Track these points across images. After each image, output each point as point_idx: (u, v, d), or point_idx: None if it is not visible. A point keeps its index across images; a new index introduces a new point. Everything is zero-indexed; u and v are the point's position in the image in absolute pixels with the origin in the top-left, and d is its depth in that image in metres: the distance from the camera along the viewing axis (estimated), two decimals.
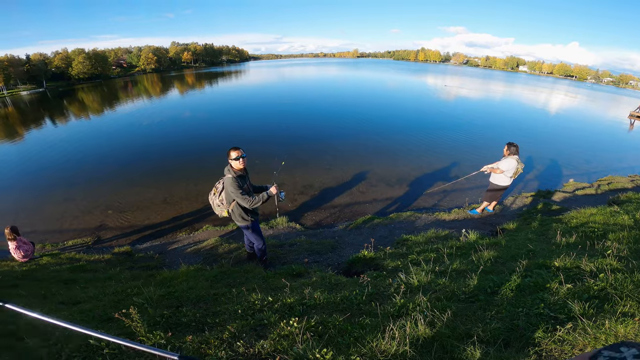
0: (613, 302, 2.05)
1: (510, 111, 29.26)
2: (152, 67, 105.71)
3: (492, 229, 6.23)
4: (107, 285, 3.84)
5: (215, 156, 13.15)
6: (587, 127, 23.86)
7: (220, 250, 5.82)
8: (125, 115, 27.04)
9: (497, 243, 4.19)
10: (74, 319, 2.79)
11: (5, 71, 65.17)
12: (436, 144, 15.52)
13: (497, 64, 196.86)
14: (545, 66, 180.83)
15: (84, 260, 5.92)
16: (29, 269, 5.33)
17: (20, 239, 5.87)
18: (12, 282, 4.43)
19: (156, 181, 11.11)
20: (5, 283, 4.47)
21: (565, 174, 12.00)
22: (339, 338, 1.94)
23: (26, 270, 5.23)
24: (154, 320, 2.43)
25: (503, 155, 6.49)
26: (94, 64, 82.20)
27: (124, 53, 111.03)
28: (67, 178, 11.90)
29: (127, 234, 7.98)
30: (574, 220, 5.35)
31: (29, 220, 8.60)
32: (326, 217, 8.46)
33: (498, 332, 1.96)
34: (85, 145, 17.14)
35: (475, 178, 8.22)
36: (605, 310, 1.98)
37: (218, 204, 4.16)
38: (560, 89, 72.70)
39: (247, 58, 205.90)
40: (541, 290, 2.43)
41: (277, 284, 3.23)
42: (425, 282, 2.85)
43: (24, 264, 5.77)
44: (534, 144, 15.84)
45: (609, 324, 1.77)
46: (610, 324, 1.77)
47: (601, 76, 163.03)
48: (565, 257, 2.98)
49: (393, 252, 4.37)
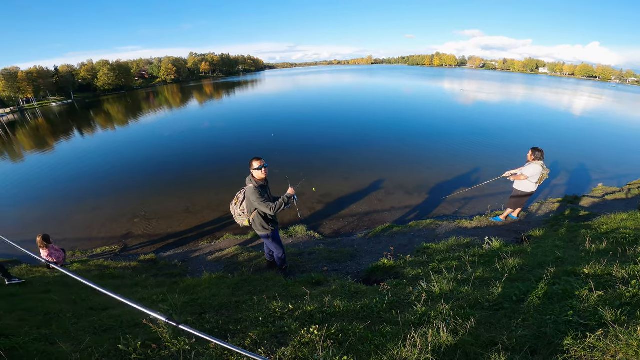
0: None
1: (532, 114, 28.38)
2: (172, 77, 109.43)
3: (516, 237, 6.03)
4: (134, 291, 3.97)
5: (234, 166, 13.47)
6: (615, 129, 22.82)
7: (240, 259, 5.91)
8: (148, 126, 28.14)
9: (523, 250, 4.06)
10: (104, 324, 2.91)
11: (35, 83, 68.71)
12: (455, 150, 15.26)
13: (515, 67, 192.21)
14: (566, 67, 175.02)
15: (112, 267, 6.15)
16: (60, 275, 5.57)
17: (52, 247, 6.15)
18: (45, 288, 4.66)
19: (178, 191, 11.44)
20: (38, 289, 4.70)
21: (593, 178, 11.51)
22: (359, 346, 1.94)
23: (57, 276, 5.47)
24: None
25: (527, 160, 6.30)
26: (117, 75, 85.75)
27: (145, 64, 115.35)
28: (95, 188, 12.44)
29: (152, 242, 8.24)
30: (604, 227, 5.13)
31: (59, 228, 9.04)
32: (344, 225, 8.45)
33: (524, 340, 1.92)
34: (111, 156, 17.92)
35: (498, 184, 8.01)
36: (638, 317, 1.91)
37: (239, 214, 4.23)
38: (584, 90, 70.08)
39: (262, 67, 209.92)
40: (570, 298, 2.36)
41: (297, 292, 3.25)
42: (447, 290, 2.80)
43: (55, 270, 6.03)
44: (560, 148, 15.30)
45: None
46: None
47: (625, 76, 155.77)
48: (596, 264, 2.88)
49: (413, 261, 4.31)
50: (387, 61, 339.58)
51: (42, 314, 3.38)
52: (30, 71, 69.92)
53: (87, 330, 2.77)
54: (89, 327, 2.85)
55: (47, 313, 3.40)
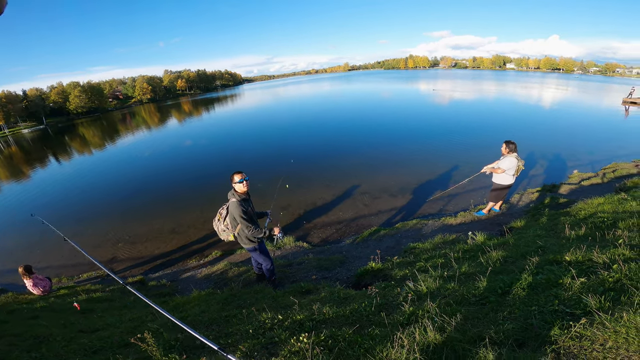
0: (629, 294, 1.95)
1: (504, 109, 29.29)
2: (148, 97, 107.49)
3: (500, 229, 6.15)
4: (123, 313, 3.88)
5: (217, 183, 13.30)
6: (584, 118, 23.78)
7: (230, 274, 5.83)
8: (127, 148, 27.52)
9: (506, 242, 4.16)
10: (94, 345, 2.87)
11: (5, 108, 65.81)
12: (434, 150, 15.57)
13: (484, 64, 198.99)
14: (531, 62, 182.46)
15: (100, 291, 5.98)
16: (47, 302, 5.40)
17: (35, 277, 5.95)
18: (33, 314, 4.59)
19: (163, 211, 11.22)
20: (26, 315, 4.61)
21: (569, 166, 11.94)
22: (349, 350, 1.95)
23: (45, 303, 5.30)
24: (169, 344, 2.48)
25: (502, 154, 6.52)
26: (90, 97, 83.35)
27: (118, 84, 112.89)
28: (74, 213, 12.08)
29: (139, 264, 8.05)
30: (582, 212, 5.24)
31: (43, 256, 8.80)
32: (332, 233, 8.46)
33: (511, 333, 1.91)
34: (90, 180, 17.42)
35: (479, 179, 8.22)
36: (623, 302, 1.90)
37: (223, 229, 4.23)
38: (550, 82, 72.86)
39: (240, 81, 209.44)
40: (554, 287, 2.35)
41: (287, 302, 3.24)
42: (433, 288, 2.84)
43: (43, 297, 5.83)
44: (534, 139, 15.85)
45: (627, 317, 1.70)
46: (628, 316, 1.70)
47: (587, 66, 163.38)
48: (576, 250, 2.89)
49: (401, 262, 4.36)
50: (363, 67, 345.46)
51: (31, 338, 3.34)
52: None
53: (77, 352, 2.73)
54: (79, 349, 2.81)
55: (37, 337, 3.37)
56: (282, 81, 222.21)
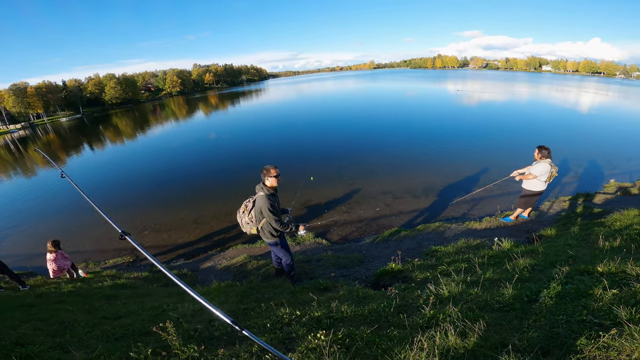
0: None
1: (538, 112, 28.06)
2: (177, 89, 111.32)
3: (528, 236, 5.94)
4: (146, 301, 4.01)
5: (240, 176, 13.56)
6: (624, 124, 22.35)
7: (249, 267, 5.93)
8: (156, 139, 28.62)
9: (534, 250, 4.00)
10: (116, 332, 2.96)
11: (44, 98, 69.69)
12: (460, 151, 15.14)
13: (518, 65, 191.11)
14: (569, 64, 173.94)
15: (124, 277, 6.23)
16: (75, 286, 5.68)
17: (60, 253, 6.22)
18: (60, 299, 4.78)
19: (187, 202, 11.56)
20: (53, 299, 4.82)
21: (605, 174, 11.29)
22: (366, 350, 1.93)
23: (72, 287, 5.58)
24: (188, 334, 2.53)
25: (534, 159, 6.24)
26: (124, 88, 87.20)
27: (150, 77, 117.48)
28: (106, 201, 12.64)
29: (162, 253, 8.33)
30: (617, 223, 5.04)
31: (73, 241, 9.22)
32: (352, 231, 8.42)
33: (536, 341, 1.88)
34: (120, 169, 18.29)
35: (507, 184, 7.92)
36: None
37: (247, 222, 4.24)
38: (589, 86, 68.98)
39: (265, 76, 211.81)
40: (584, 297, 2.32)
41: (305, 299, 3.25)
42: (456, 292, 2.77)
43: (70, 281, 6.11)
44: (569, 145, 15.06)
45: None
46: None
47: (630, 70, 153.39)
48: (610, 261, 2.83)
49: (422, 264, 4.28)
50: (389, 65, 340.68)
51: (57, 324, 3.47)
52: (39, 86, 71.01)
53: (100, 339, 2.82)
54: (101, 336, 2.90)
55: (62, 322, 3.49)
56: (306, 77, 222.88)
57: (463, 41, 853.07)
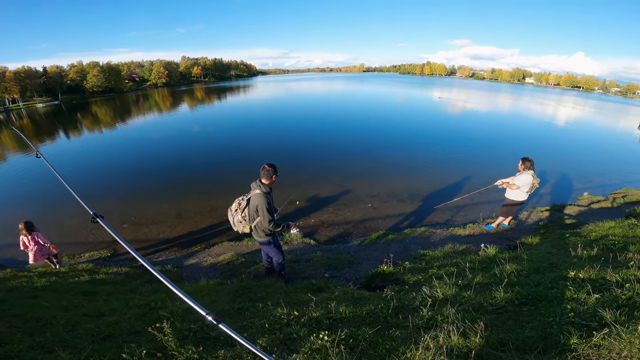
0: None
1: (518, 124, 29.11)
2: (163, 81, 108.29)
3: (509, 243, 6.18)
4: (129, 298, 3.88)
5: (225, 171, 13.36)
6: (598, 140, 23.55)
7: (237, 265, 5.84)
8: (137, 129, 27.71)
9: (518, 257, 4.16)
10: (101, 331, 2.83)
11: (22, 83, 66.93)
12: (446, 158, 15.50)
13: (503, 76, 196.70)
14: (551, 77, 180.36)
15: (103, 272, 5.99)
16: (48, 281, 5.41)
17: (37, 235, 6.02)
18: (33, 294, 4.48)
19: (170, 196, 11.24)
20: (26, 294, 4.52)
21: (579, 187, 11.85)
22: (370, 350, 1.96)
23: (45, 281, 5.31)
24: (183, 335, 2.45)
25: (518, 170, 6.48)
26: (107, 77, 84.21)
27: (136, 67, 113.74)
28: (81, 191, 12.08)
29: (143, 248, 8.05)
30: (592, 234, 5.32)
31: (45, 232, 8.69)
32: (340, 232, 8.45)
33: (532, 341, 2.01)
34: (97, 159, 17.51)
35: (489, 192, 8.17)
36: (636, 317, 2.08)
37: (240, 220, 4.13)
38: (567, 100, 72.12)
39: (255, 73, 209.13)
40: (569, 301, 2.51)
41: (300, 299, 3.24)
42: (450, 295, 2.86)
43: (43, 274, 5.82)
44: (545, 158, 15.64)
45: None
46: None
47: (608, 86, 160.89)
48: (590, 269, 3.06)
49: (412, 267, 4.37)
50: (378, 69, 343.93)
51: (33, 321, 3.23)
52: (19, 71, 68.22)
53: (85, 338, 2.68)
54: (86, 335, 2.75)
55: (39, 320, 3.25)
56: (295, 76, 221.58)
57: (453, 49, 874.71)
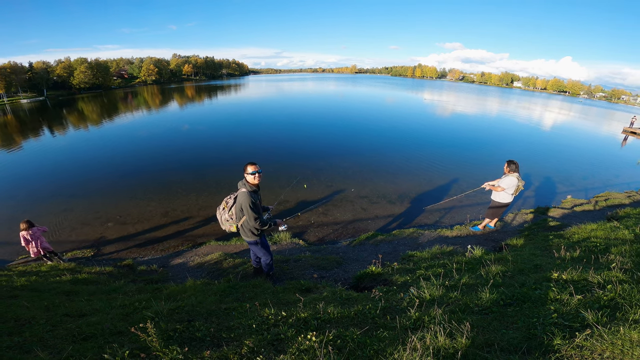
0: (624, 311, 2.19)
1: (505, 128, 29.69)
2: (152, 78, 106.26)
3: (494, 245, 6.28)
4: (113, 298, 3.79)
5: (214, 170, 13.21)
6: (582, 144, 24.17)
7: (225, 265, 5.78)
8: (124, 127, 27.15)
9: (504, 258, 4.23)
10: (83, 331, 2.75)
11: (7, 78, 65.17)
12: (434, 161, 15.68)
13: (492, 80, 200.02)
14: (539, 82, 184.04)
15: (85, 271, 5.84)
16: (28, 280, 5.25)
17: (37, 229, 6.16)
18: (12, 293, 4.34)
19: (156, 194, 11.07)
20: (5, 294, 4.37)
21: (562, 190, 12.14)
22: (359, 351, 1.95)
23: (25, 280, 5.15)
24: (167, 335, 2.40)
25: (504, 172, 6.60)
26: (95, 74, 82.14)
27: (125, 64, 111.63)
28: (64, 188, 11.83)
29: (128, 247, 7.91)
30: (575, 236, 5.43)
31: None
32: (329, 233, 8.46)
33: (517, 341, 2.03)
34: (82, 156, 17.11)
35: (476, 194, 8.29)
36: (618, 318, 2.12)
37: (227, 219, 4.14)
38: (553, 105, 73.86)
39: (247, 72, 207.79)
40: (553, 302, 2.54)
41: (288, 299, 3.22)
42: (437, 295, 2.88)
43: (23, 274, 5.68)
44: (530, 161, 16.02)
45: (623, 330, 1.89)
46: (624, 330, 1.89)
47: (593, 91, 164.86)
48: (572, 270, 3.11)
49: (400, 268, 4.39)
50: (370, 71, 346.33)
51: (12, 321, 3.12)
52: (4, 66, 66.32)
53: (65, 339, 2.60)
54: (66, 335, 2.67)
55: (18, 319, 3.15)
56: (287, 76, 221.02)
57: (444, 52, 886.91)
